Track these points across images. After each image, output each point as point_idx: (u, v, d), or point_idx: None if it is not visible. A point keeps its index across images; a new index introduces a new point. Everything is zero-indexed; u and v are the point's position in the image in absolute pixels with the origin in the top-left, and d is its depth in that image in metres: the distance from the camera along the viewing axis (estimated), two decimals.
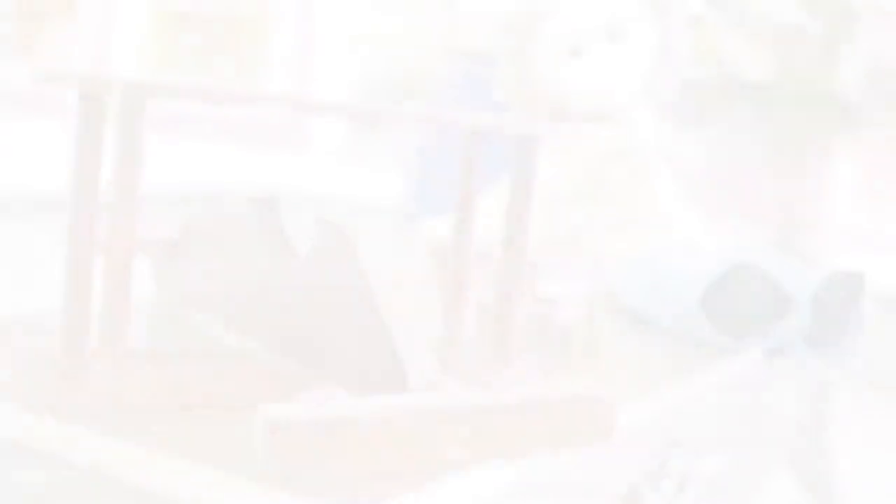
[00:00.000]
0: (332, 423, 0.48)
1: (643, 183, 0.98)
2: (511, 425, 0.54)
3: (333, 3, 6.82)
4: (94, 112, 0.60)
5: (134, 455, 0.51)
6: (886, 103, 3.41)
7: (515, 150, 0.69)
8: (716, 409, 0.82)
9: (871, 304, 1.01)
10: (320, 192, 5.73)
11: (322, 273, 0.61)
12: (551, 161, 0.98)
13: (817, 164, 4.50)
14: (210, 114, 7.14)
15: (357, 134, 7.17)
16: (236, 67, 7.36)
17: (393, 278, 0.58)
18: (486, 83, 1.05)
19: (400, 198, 5.12)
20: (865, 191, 5.80)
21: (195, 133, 7.13)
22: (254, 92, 0.56)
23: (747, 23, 3.42)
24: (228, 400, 0.60)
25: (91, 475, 0.51)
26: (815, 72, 3.31)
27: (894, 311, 4.06)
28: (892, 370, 2.87)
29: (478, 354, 0.72)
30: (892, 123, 3.52)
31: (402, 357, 0.56)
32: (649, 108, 1.04)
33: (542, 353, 0.78)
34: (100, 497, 0.50)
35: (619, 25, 1.00)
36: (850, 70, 3.69)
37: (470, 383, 0.67)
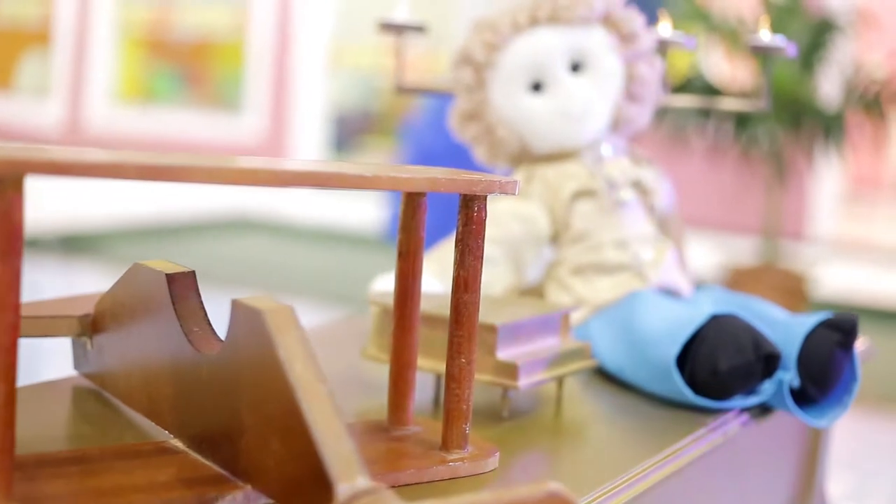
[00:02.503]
0: None
1: (613, 224, 0.91)
2: None
3: (310, 30, 6.75)
4: None
5: None
6: (866, 112, 3.35)
7: (461, 204, 0.62)
8: (700, 479, 0.74)
9: (864, 343, 0.93)
10: (299, 217, 5.63)
11: (238, 362, 0.54)
12: (511, 205, 0.91)
13: (800, 175, 4.44)
14: (187, 139, 7.06)
15: (334, 158, 7.07)
16: (213, 95, 7.28)
17: (315, 371, 0.50)
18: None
19: (376, 224, 5.04)
20: (848, 201, 5.75)
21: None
22: (169, 164, 0.49)
23: (724, 44, 3.36)
24: None
25: None
26: (795, 85, 3.25)
27: (878, 321, 4.00)
28: (878, 382, 2.81)
29: (427, 436, 0.64)
30: (873, 132, 3.47)
31: (327, 462, 0.48)
32: (619, 142, 0.96)
33: (503, 430, 0.70)
34: None
35: (583, 56, 0.93)
36: (830, 81, 3.64)
37: (413, 477, 0.59)
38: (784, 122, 3.30)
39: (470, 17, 0.94)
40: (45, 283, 4.16)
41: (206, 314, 0.60)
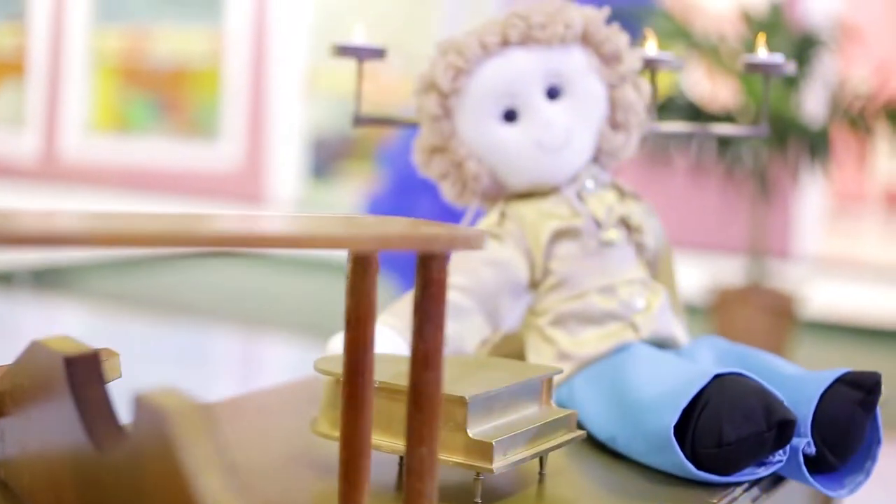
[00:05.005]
0: None
1: (599, 268, 0.81)
2: None
3: (286, 56, 6.67)
4: None
5: None
6: (852, 127, 3.28)
7: (418, 264, 0.52)
8: None
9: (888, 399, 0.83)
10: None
11: (143, 469, 0.44)
12: (486, 252, 0.81)
13: (785, 193, 4.37)
14: (163, 168, 6.97)
15: (312, 184, 6.99)
16: (189, 122, 7.20)
17: (229, 485, 0.40)
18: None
19: None
20: (832, 216, 5.68)
21: (151, 184, 6.95)
22: (52, 231, 0.39)
23: (706, 61, 3.28)
24: None
25: None
26: (779, 102, 3.17)
27: (867, 339, 3.91)
28: None
29: None
30: (858, 147, 3.39)
31: None
32: (603, 174, 0.86)
33: None
34: None
35: (561, 80, 0.83)
36: (815, 97, 3.56)
37: None
38: (768, 139, 3.22)
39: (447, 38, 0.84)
40: (19, 319, 4.04)
41: (110, 404, 0.50)
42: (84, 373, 0.50)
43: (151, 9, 7.29)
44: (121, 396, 0.52)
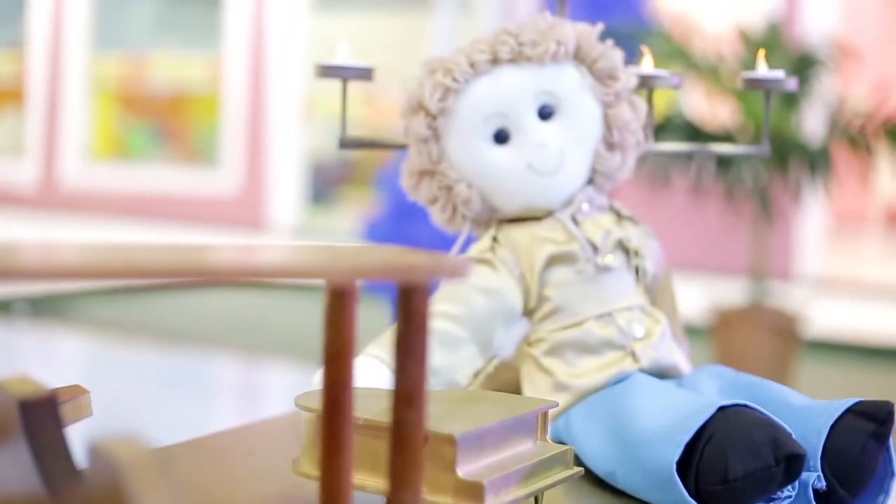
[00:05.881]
0: None
1: (596, 294, 0.77)
2: None
3: (285, 81, 6.66)
4: None
5: None
6: (851, 146, 3.25)
7: (399, 296, 0.48)
8: None
9: None
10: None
11: None
12: (475, 276, 0.78)
13: (785, 213, 4.34)
14: (163, 195, 6.95)
15: (311, 210, 6.97)
16: (188, 149, 7.18)
17: None
18: None
19: None
20: (832, 236, 5.65)
21: (151, 211, 6.92)
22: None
23: (704, 81, 3.26)
24: None
25: None
26: (778, 121, 3.15)
27: (870, 359, 3.87)
28: None
29: None
30: (858, 166, 3.36)
31: None
32: (599, 197, 0.83)
33: None
34: None
35: (554, 99, 0.80)
36: (814, 116, 3.54)
37: None
38: (768, 159, 3.19)
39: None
40: (18, 347, 4.00)
41: (67, 449, 0.46)
42: (40, 416, 0.47)
43: (150, 35, 7.29)
44: (115, 426, 0.49)
